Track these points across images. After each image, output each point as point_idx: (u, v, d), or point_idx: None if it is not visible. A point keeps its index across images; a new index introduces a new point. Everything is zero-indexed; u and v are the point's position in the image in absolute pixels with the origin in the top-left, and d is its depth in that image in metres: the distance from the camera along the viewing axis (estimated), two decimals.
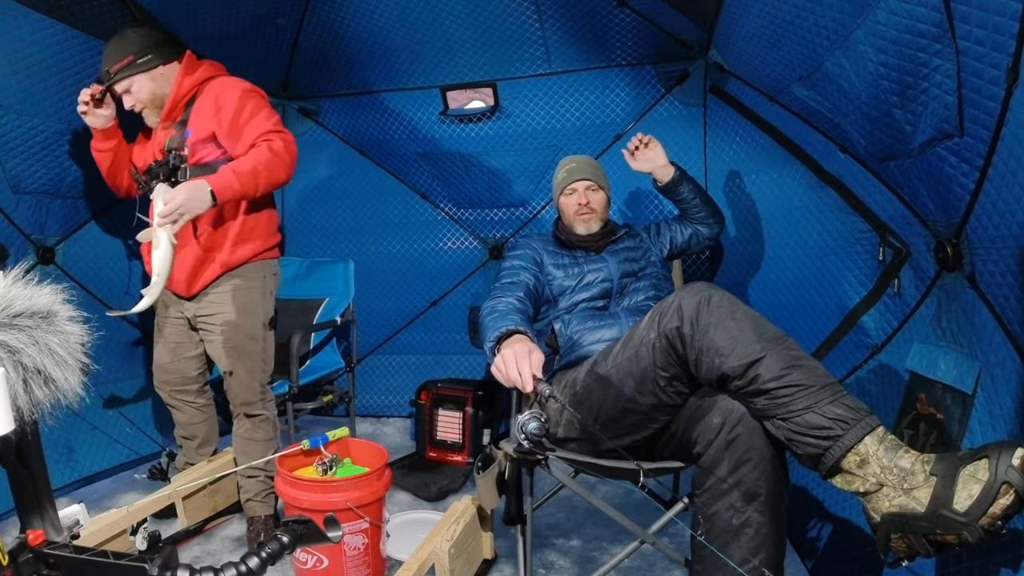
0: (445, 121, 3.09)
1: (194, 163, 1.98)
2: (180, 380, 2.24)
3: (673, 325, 1.40)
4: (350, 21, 2.75)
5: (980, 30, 1.11)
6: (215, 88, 2.04)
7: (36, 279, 0.84)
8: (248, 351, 2.13)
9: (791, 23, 1.71)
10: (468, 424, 2.84)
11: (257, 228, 2.13)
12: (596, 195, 2.15)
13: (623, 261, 2.06)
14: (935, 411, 1.51)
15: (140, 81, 2.00)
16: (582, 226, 2.11)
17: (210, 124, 1.99)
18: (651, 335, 1.45)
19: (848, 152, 1.84)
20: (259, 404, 2.18)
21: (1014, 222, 1.19)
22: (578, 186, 2.14)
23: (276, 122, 2.00)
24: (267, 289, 2.19)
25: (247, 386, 2.15)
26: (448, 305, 3.37)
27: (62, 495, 2.40)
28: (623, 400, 1.51)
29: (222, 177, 1.85)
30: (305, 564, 1.86)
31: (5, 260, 2.21)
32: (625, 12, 2.56)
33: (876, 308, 1.84)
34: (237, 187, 1.86)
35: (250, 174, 1.87)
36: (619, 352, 1.54)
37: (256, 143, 1.93)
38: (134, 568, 0.85)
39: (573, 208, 2.13)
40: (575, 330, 1.86)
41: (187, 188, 1.79)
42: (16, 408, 0.78)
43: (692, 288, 1.44)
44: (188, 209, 1.78)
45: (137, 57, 1.99)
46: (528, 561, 1.73)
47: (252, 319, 2.13)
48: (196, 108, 2.03)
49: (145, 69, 2.00)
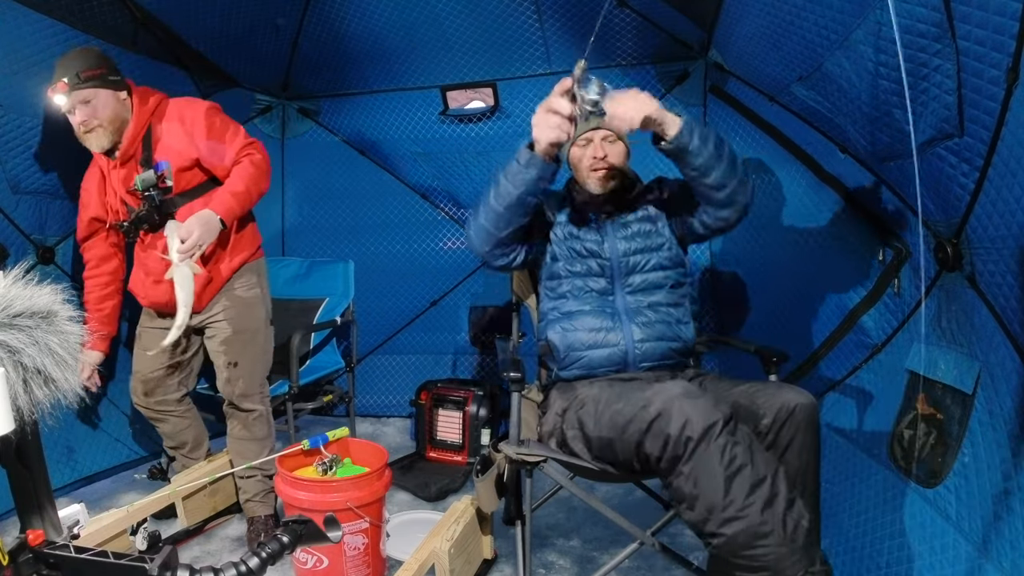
0: (445, 121, 3.09)
1: (180, 192, 2.02)
2: (163, 390, 2.23)
3: (658, 446, 1.33)
4: (350, 21, 2.75)
5: (980, 30, 1.11)
6: (174, 112, 2.03)
7: (36, 279, 0.84)
8: (251, 343, 2.18)
9: (791, 23, 1.71)
10: (468, 424, 2.84)
11: (246, 234, 2.20)
12: (614, 147, 1.84)
13: (632, 236, 1.82)
14: (935, 411, 1.51)
15: (105, 96, 1.94)
16: (596, 183, 1.83)
17: (188, 150, 2.01)
18: (635, 429, 1.39)
19: (848, 152, 1.84)
20: (257, 397, 2.20)
21: (1014, 222, 1.19)
22: (594, 136, 1.84)
23: (244, 134, 2.07)
24: (264, 286, 2.26)
25: (250, 376, 2.17)
26: (448, 305, 3.37)
27: (62, 495, 2.39)
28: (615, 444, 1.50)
29: (224, 202, 1.96)
30: (305, 564, 1.86)
31: (5, 260, 2.21)
32: (625, 12, 2.56)
33: (876, 308, 1.84)
34: (237, 209, 1.99)
35: (245, 194, 2.00)
36: (605, 413, 1.51)
37: (238, 159, 2.02)
38: (134, 568, 0.85)
39: (587, 162, 1.84)
40: (571, 341, 1.76)
41: (199, 221, 1.90)
42: (16, 408, 0.78)
43: (704, 405, 1.32)
44: (205, 240, 1.91)
45: (109, 73, 1.96)
46: (527, 561, 1.73)
47: (256, 312, 2.20)
48: (164, 137, 2.02)
49: (114, 88, 1.97)
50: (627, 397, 1.47)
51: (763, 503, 1.24)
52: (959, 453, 1.41)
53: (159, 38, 2.44)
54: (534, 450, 1.62)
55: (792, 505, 1.27)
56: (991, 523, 1.30)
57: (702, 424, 1.27)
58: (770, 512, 1.24)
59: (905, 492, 1.58)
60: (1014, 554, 1.22)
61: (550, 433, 1.70)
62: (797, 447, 1.39)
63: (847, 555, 1.73)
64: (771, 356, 1.73)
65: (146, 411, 2.26)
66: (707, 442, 1.26)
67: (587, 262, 1.82)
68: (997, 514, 1.28)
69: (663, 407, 1.33)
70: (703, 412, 1.28)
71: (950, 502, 1.43)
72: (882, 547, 1.61)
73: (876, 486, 1.71)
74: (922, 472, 1.54)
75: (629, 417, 1.41)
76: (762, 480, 1.26)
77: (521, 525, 1.77)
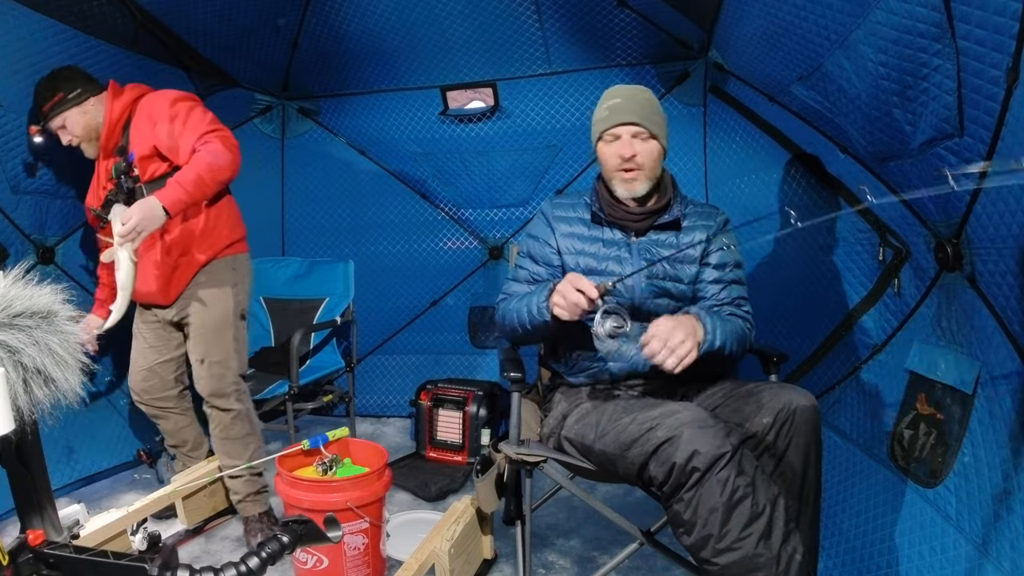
0: (445, 121, 3.09)
1: (147, 180, 2.01)
2: (160, 386, 2.23)
3: (663, 472, 1.31)
4: (350, 21, 2.75)
5: (980, 30, 1.11)
6: (146, 105, 2.06)
7: (36, 279, 0.84)
8: (219, 338, 2.14)
9: (791, 23, 1.71)
10: (468, 424, 2.84)
11: (220, 222, 2.15)
12: (646, 145, 1.63)
13: (659, 278, 1.64)
14: (935, 411, 1.51)
15: (72, 116, 2.02)
16: (623, 186, 1.65)
17: (149, 139, 2.01)
18: (640, 451, 1.35)
19: (848, 152, 1.84)
20: (232, 398, 2.15)
21: (1014, 222, 1.19)
22: (622, 132, 1.63)
23: (210, 121, 2.01)
24: (237, 281, 2.20)
25: (218, 375, 2.13)
26: (448, 305, 3.37)
27: (62, 495, 2.39)
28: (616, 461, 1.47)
29: (171, 190, 1.89)
30: (305, 564, 1.86)
31: (5, 260, 2.21)
32: (625, 12, 2.56)
33: (876, 308, 1.84)
34: (185, 197, 1.90)
35: (195, 182, 1.91)
36: (609, 428, 1.47)
37: (196, 147, 1.96)
38: (134, 568, 0.85)
39: (613, 161, 1.65)
40: (581, 352, 1.70)
41: (140, 207, 1.84)
42: (16, 408, 0.78)
43: (713, 436, 1.29)
44: (144, 227, 1.84)
45: (67, 93, 2.01)
46: (527, 561, 1.73)
47: (222, 308, 2.15)
48: (133, 129, 2.04)
49: (76, 103, 2.02)
50: (633, 414, 1.43)
51: (759, 535, 1.25)
52: (959, 453, 1.41)
53: (159, 38, 2.44)
54: (534, 450, 1.62)
55: (788, 539, 1.28)
56: (991, 523, 1.30)
57: (710, 456, 1.26)
58: (765, 545, 1.25)
59: (905, 492, 1.58)
60: (1014, 554, 1.22)
61: (549, 435, 1.70)
62: (797, 448, 1.39)
63: (847, 555, 1.73)
64: (771, 356, 1.73)
65: (146, 408, 2.27)
66: (712, 473, 1.26)
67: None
68: (997, 514, 1.29)
69: (672, 433, 1.31)
70: (712, 443, 1.27)
71: (950, 502, 1.43)
72: (882, 547, 1.61)
73: (876, 486, 1.71)
74: (922, 472, 1.54)
75: (635, 436, 1.38)
76: (761, 513, 1.26)
77: (521, 525, 1.77)
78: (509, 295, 1.76)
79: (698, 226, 1.70)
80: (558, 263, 1.73)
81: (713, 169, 2.73)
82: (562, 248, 1.72)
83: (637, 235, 1.69)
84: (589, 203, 1.74)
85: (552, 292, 1.54)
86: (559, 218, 1.75)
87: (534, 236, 1.78)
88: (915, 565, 1.49)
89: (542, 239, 1.76)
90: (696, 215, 1.72)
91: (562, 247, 1.73)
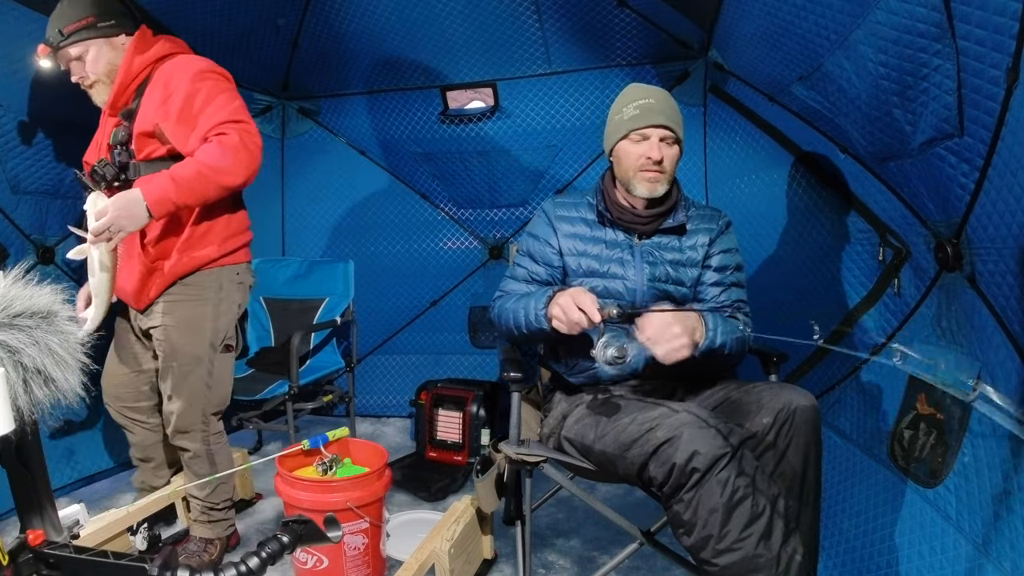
0: (445, 121, 3.09)
1: (143, 159, 1.72)
2: (133, 395, 1.98)
3: (663, 472, 1.31)
4: (350, 21, 2.75)
5: (980, 30, 1.11)
6: (166, 71, 1.73)
7: (36, 279, 0.84)
8: (189, 374, 1.83)
9: (791, 23, 1.71)
10: (468, 424, 2.84)
11: (212, 232, 1.81)
12: (671, 150, 1.62)
13: (660, 263, 1.65)
14: (935, 411, 1.51)
15: (99, 47, 1.71)
16: (645, 185, 1.61)
17: (155, 115, 1.69)
18: (639, 452, 1.35)
19: (848, 152, 1.84)
20: (195, 437, 1.88)
21: (1014, 222, 1.19)
22: (652, 133, 1.59)
23: (235, 109, 1.69)
24: (222, 301, 1.85)
25: (185, 414, 1.86)
26: (448, 305, 3.37)
27: (62, 495, 2.39)
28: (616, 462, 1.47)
29: (160, 186, 1.57)
30: (305, 564, 1.86)
31: (5, 260, 2.20)
32: (625, 12, 2.56)
33: (876, 308, 1.84)
34: (176, 198, 1.59)
35: (194, 180, 1.59)
36: (609, 428, 1.47)
37: (208, 137, 1.64)
38: (134, 568, 0.85)
39: (639, 161, 1.60)
40: (579, 355, 1.68)
41: (119, 203, 1.54)
42: (16, 408, 0.78)
43: (713, 436, 1.29)
44: (121, 226, 1.55)
45: (99, 20, 1.70)
46: (528, 561, 1.73)
47: (197, 337, 1.83)
48: (147, 95, 1.73)
49: (107, 35, 1.71)
50: (633, 414, 1.44)
51: (759, 536, 1.25)
52: (959, 453, 1.42)
53: None
54: (534, 450, 1.62)
55: (788, 539, 1.28)
56: (991, 523, 1.30)
57: (710, 457, 1.26)
58: (765, 546, 1.25)
59: (905, 492, 1.58)
60: (1014, 554, 1.22)
61: (549, 435, 1.70)
62: (797, 448, 1.39)
63: (847, 555, 1.73)
64: (771, 356, 1.73)
65: (115, 415, 2.02)
66: (712, 474, 1.26)
67: (606, 285, 1.67)
68: (997, 514, 1.29)
69: (671, 434, 1.31)
70: (712, 444, 1.27)
71: (950, 502, 1.43)
72: (882, 547, 1.61)
73: (876, 486, 1.71)
74: (922, 472, 1.54)
75: (635, 436, 1.38)
76: (761, 513, 1.26)
77: (521, 525, 1.77)
78: (506, 293, 1.76)
79: (701, 229, 1.70)
80: (558, 264, 1.73)
81: (713, 169, 2.73)
82: (564, 249, 1.72)
83: (641, 237, 1.69)
84: (592, 203, 1.73)
85: (551, 300, 1.53)
86: (561, 218, 1.74)
87: (535, 235, 1.78)
88: (915, 565, 1.49)
89: (543, 239, 1.75)
90: (699, 218, 1.72)
91: (564, 248, 1.72)
